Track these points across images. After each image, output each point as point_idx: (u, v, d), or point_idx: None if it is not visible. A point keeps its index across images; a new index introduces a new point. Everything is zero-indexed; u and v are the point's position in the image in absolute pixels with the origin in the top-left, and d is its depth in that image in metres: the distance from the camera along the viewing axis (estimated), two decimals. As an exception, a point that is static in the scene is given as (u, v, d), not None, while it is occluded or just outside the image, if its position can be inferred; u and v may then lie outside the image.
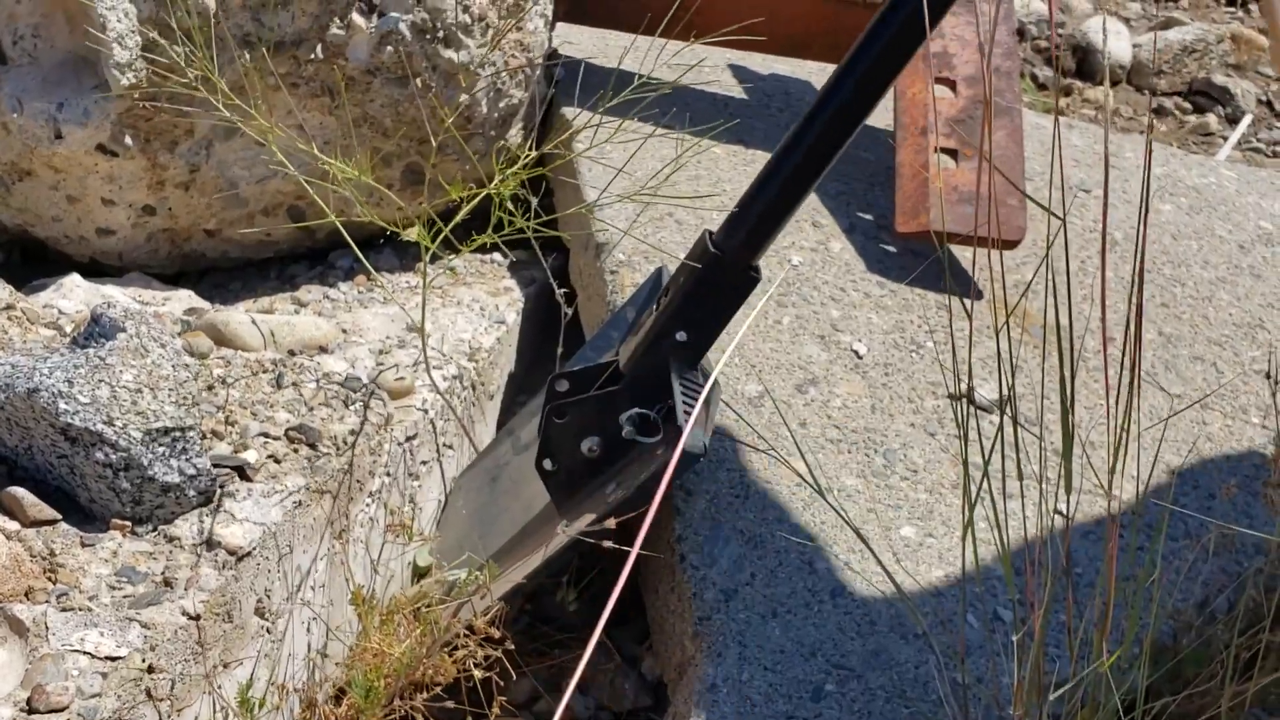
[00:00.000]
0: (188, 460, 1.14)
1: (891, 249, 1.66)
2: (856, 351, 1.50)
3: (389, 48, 1.50)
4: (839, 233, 1.67)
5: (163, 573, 1.09)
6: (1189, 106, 2.80)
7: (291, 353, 1.41)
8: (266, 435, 1.25)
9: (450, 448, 1.48)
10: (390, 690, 1.19)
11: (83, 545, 1.11)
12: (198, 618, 1.06)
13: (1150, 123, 1.55)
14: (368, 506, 1.32)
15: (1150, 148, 0.89)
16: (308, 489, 1.21)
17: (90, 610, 1.04)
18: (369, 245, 1.65)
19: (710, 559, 1.25)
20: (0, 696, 0.97)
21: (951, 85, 1.78)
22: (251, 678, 1.13)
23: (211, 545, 1.12)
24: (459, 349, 1.52)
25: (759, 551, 1.26)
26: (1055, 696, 1.06)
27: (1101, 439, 1.41)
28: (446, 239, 1.41)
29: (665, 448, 1.20)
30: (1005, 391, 1.01)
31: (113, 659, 1.01)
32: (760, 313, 1.50)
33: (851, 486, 1.33)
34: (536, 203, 1.40)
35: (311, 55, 1.48)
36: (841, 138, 1.17)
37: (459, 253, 1.48)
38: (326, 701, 1.23)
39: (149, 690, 1.01)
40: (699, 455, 1.18)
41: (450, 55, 1.54)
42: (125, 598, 1.06)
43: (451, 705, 1.21)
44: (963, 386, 1.10)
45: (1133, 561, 1.22)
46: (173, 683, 1.04)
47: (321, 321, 1.48)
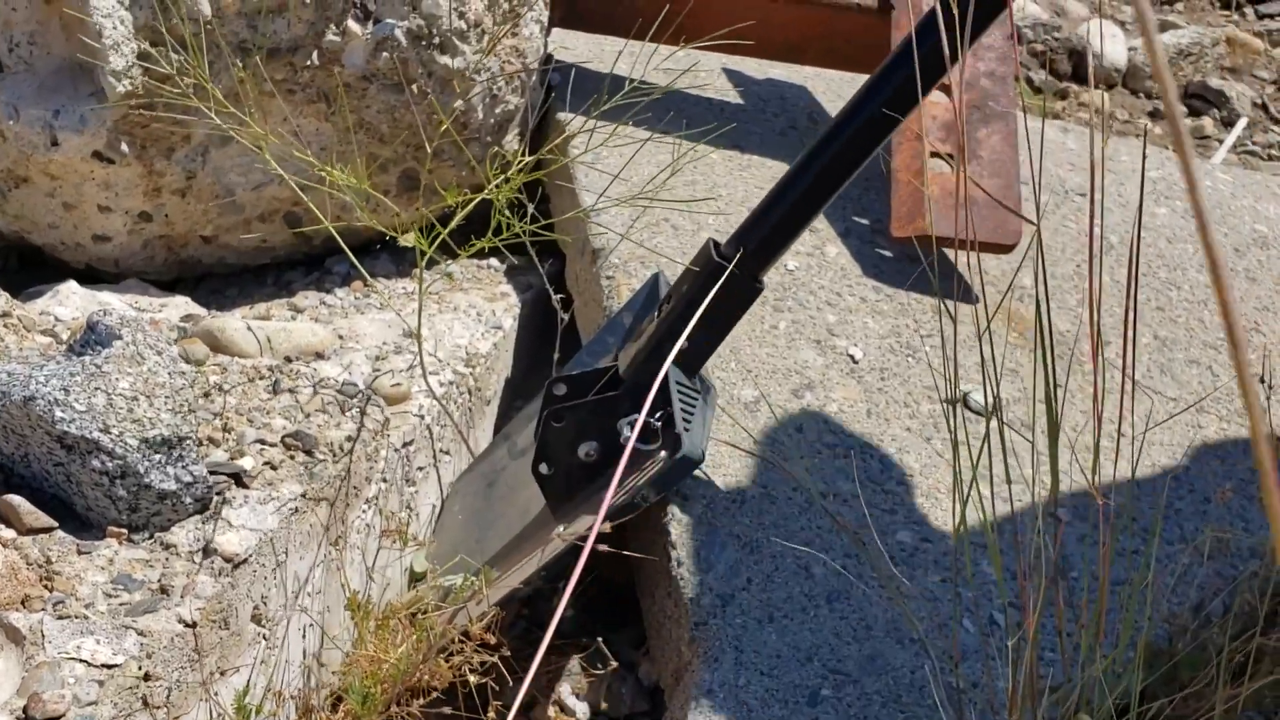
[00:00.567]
0: (184, 468, 1.14)
1: (887, 253, 1.66)
2: (852, 356, 1.50)
3: (385, 54, 1.50)
4: (835, 237, 1.67)
5: (159, 580, 1.09)
6: (1184, 109, 2.80)
7: (288, 359, 1.42)
8: (263, 442, 1.25)
9: (447, 453, 1.49)
10: (387, 696, 1.19)
11: (79, 553, 1.11)
12: (194, 625, 1.06)
13: (1145, 128, 1.55)
14: (364, 513, 1.32)
15: (1144, 151, 0.90)
16: (304, 496, 1.21)
17: (87, 618, 1.04)
18: (366, 251, 1.65)
19: (706, 564, 1.25)
20: (-3, 704, 0.97)
21: (946, 90, 1.78)
22: (248, 684, 1.13)
23: (208, 552, 1.12)
24: (456, 354, 1.52)
25: (755, 556, 1.26)
26: (1050, 701, 1.06)
27: (1098, 443, 1.41)
28: (443, 244, 1.42)
29: (663, 455, 1.20)
30: (995, 396, 1.02)
31: (109, 667, 1.01)
32: (756, 318, 1.50)
33: (847, 491, 1.33)
34: (533, 208, 1.40)
35: (307, 62, 1.48)
36: (859, 159, 1.18)
37: (456, 258, 1.48)
38: (323, 707, 1.23)
39: (145, 698, 1.01)
40: (697, 462, 1.19)
41: (446, 61, 1.54)
42: (121, 605, 1.06)
43: (448, 711, 1.21)
44: (956, 391, 1.11)
45: (1128, 565, 1.22)
46: (169, 690, 1.04)
47: (318, 327, 1.48)
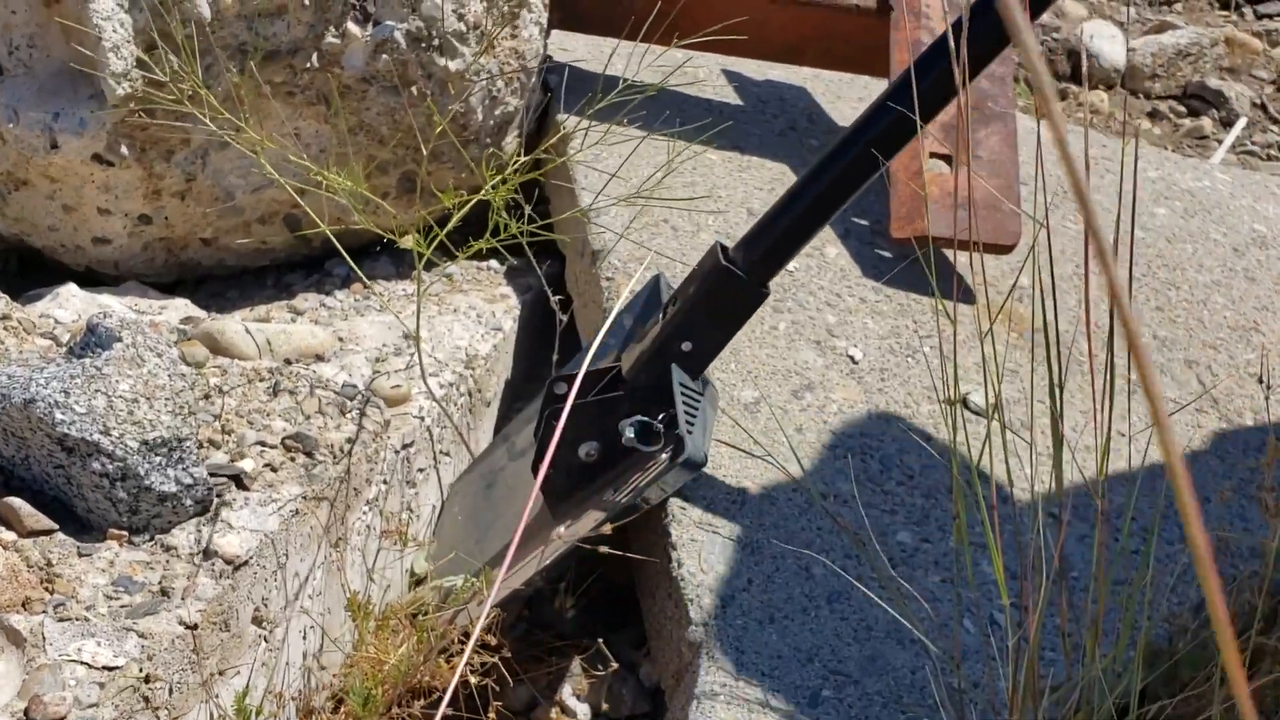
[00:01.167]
0: (184, 470, 1.14)
1: (887, 254, 1.66)
2: (852, 357, 1.50)
3: (384, 56, 1.50)
4: (834, 238, 1.67)
5: (160, 582, 1.09)
6: (1183, 110, 2.81)
7: (288, 361, 1.42)
8: (263, 444, 1.25)
9: (447, 455, 1.49)
10: (388, 697, 1.19)
11: (80, 555, 1.11)
12: (195, 627, 1.06)
13: (1136, 130, 1.55)
14: (365, 514, 1.32)
15: (1137, 151, 0.90)
16: (305, 497, 1.21)
17: (87, 620, 1.04)
18: (365, 252, 1.65)
19: (707, 565, 1.25)
20: (-3, 707, 0.98)
21: (946, 90, 1.78)
22: (248, 686, 1.13)
23: (209, 554, 1.12)
24: (455, 356, 1.52)
25: (756, 557, 1.26)
26: (1051, 700, 1.06)
27: (1097, 442, 1.41)
28: (444, 246, 1.42)
29: (665, 457, 1.20)
30: (995, 397, 1.02)
31: (110, 669, 1.01)
32: (756, 319, 1.50)
33: (847, 492, 1.33)
34: (531, 210, 1.40)
35: (307, 64, 1.48)
36: (871, 169, 1.18)
37: (455, 260, 1.48)
38: (324, 709, 1.23)
39: (146, 699, 1.02)
40: (700, 465, 1.19)
41: (445, 63, 1.54)
42: (122, 607, 1.06)
43: (449, 712, 1.21)
44: (956, 392, 1.11)
45: (1127, 565, 1.22)
46: (170, 692, 1.04)
47: (318, 330, 1.48)
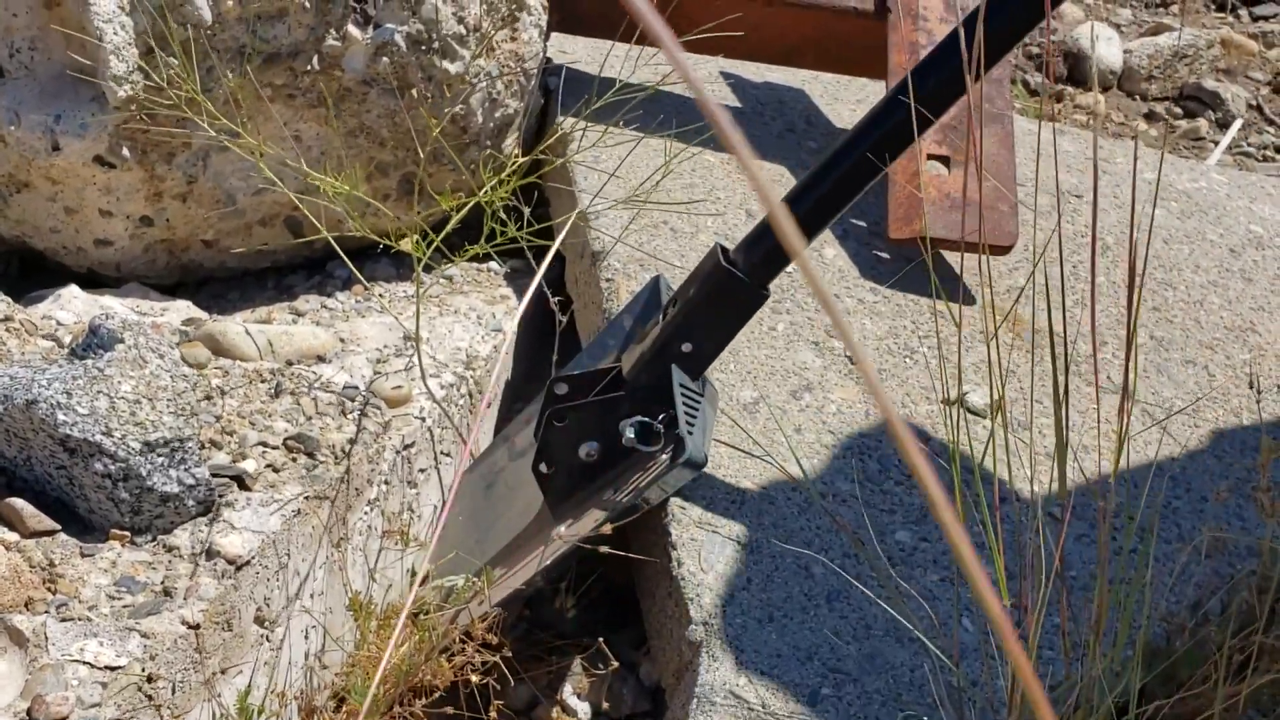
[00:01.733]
0: (186, 470, 1.15)
1: (885, 255, 1.67)
2: (850, 358, 1.50)
3: (385, 59, 1.51)
4: (833, 239, 1.68)
5: (162, 582, 1.10)
6: (1180, 111, 2.81)
7: (289, 362, 1.42)
8: (265, 444, 1.26)
9: (448, 455, 1.49)
10: (389, 696, 1.20)
11: (82, 555, 1.11)
12: (197, 627, 1.07)
13: (1136, 129, 1.56)
14: (366, 514, 1.33)
15: (1136, 152, 0.90)
16: (306, 498, 1.21)
17: (90, 620, 1.05)
18: (366, 254, 1.66)
19: (707, 564, 1.26)
20: (0, 707, 0.98)
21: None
22: (250, 685, 1.14)
23: (210, 554, 1.13)
24: (456, 357, 1.53)
25: (755, 557, 1.26)
26: (1050, 699, 1.07)
27: (1094, 442, 1.42)
28: (445, 247, 1.42)
29: (666, 456, 1.21)
30: (1000, 397, 1.02)
31: (112, 668, 1.01)
32: (755, 319, 1.51)
33: (846, 491, 1.34)
34: (530, 212, 1.41)
35: (308, 66, 1.48)
36: (875, 170, 1.19)
37: (454, 262, 1.49)
38: (325, 708, 1.23)
39: (149, 699, 1.02)
40: (700, 465, 1.19)
41: (445, 66, 1.55)
42: (125, 607, 1.07)
43: (450, 711, 1.22)
44: (954, 392, 1.11)
45: (1126, 564, 1.23)
46: (172, 691, 1.04)
47: (319, 331, 1.48)
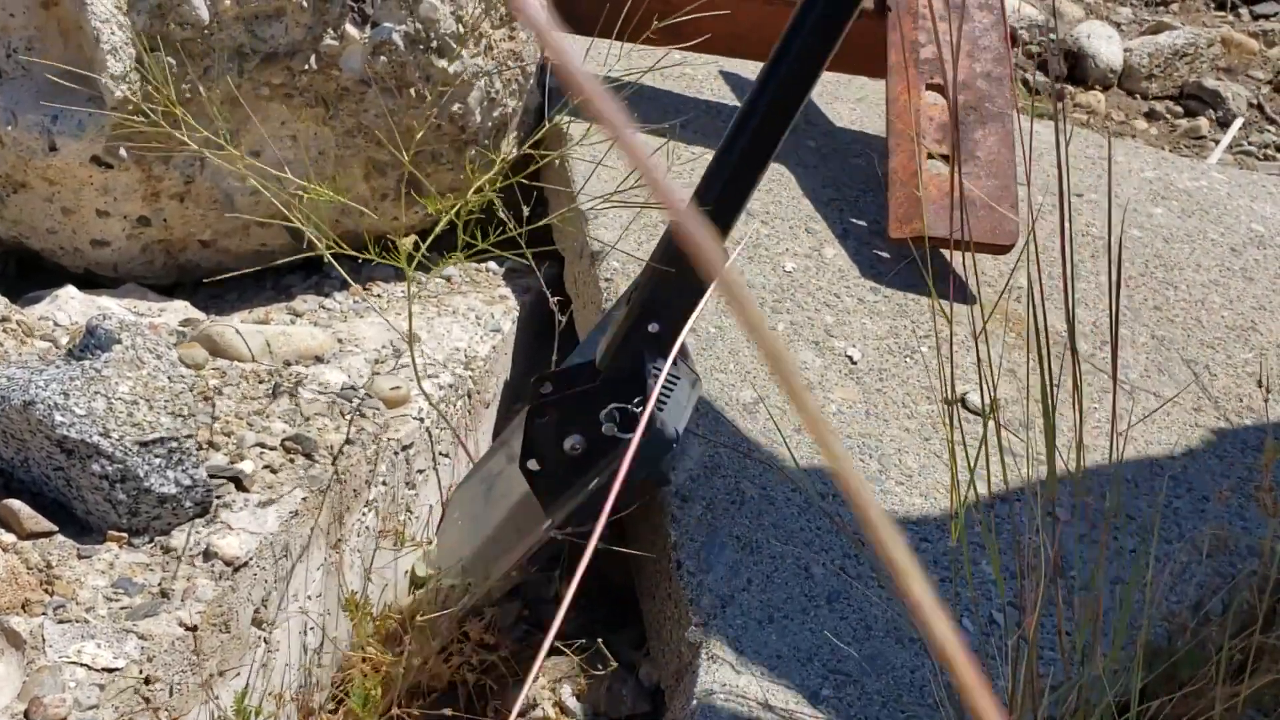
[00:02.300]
0: (184, 471, 1.15)
1: (885, 255, 1.67)
2: (851, 357, 1.50)
3: (382, 58, 1.50)
4: (832, 239, 1.67)
5: (159, 584, 1.09)
6: (1180, 110, 2.81)
7: (287, 363, 1.42)
8: (263, 445, 1.26)
9: (446, 456, 1.49)
10: (387, 697, 1.19)
11: (79, 557, 1.11)
12: (194, 628, 1.06)
13: (1130, 131, 1.55)
14: (364, 516, 1.32)
15: (1110, 149, 0.90)
16: (304, 499, 1.21)
17: (87, 622, 1.04)
18: (365, 254, 1.65)
19: (706, 565, 1.25)
20: (-2, 708, 0.98)
21: (943, 91, 1.79)
22: (248, 686, 1.13)
23: (208, 556, 1.13)
24: (455, 357, 1.52)
25: (755, 557, 1.26)
26: (1050, 699, 1.07)
27: (1093, 442, 1.41)
28: (440, 246, 1.42)
29: (637, 435, 1.20)
30: (993, 398, 1.02)
31: (110, 670, 1.01)
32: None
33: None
34: (528, 211, 1.40)
35: (305, 66, 1.48)
36: (799, 98, 1.15)
37: (452, 261, 1.48)
38: (323, 709, 1.23)
39: (146, 700, 1.02)
40: (672, 442, 1.18)
41: (443, 65, 1.54)
42: (122, 609, 1.06)
43: (449, 712, 1.22)
44: (954, 392, 1.11)
45: (1126, 564, 1.23)
46: (170, 693, 1.04)
47: (317, 331, 1.48)
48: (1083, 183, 1.92)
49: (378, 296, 1.59)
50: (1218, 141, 2.67)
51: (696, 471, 1.32)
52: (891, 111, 1.78)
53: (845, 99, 2.03)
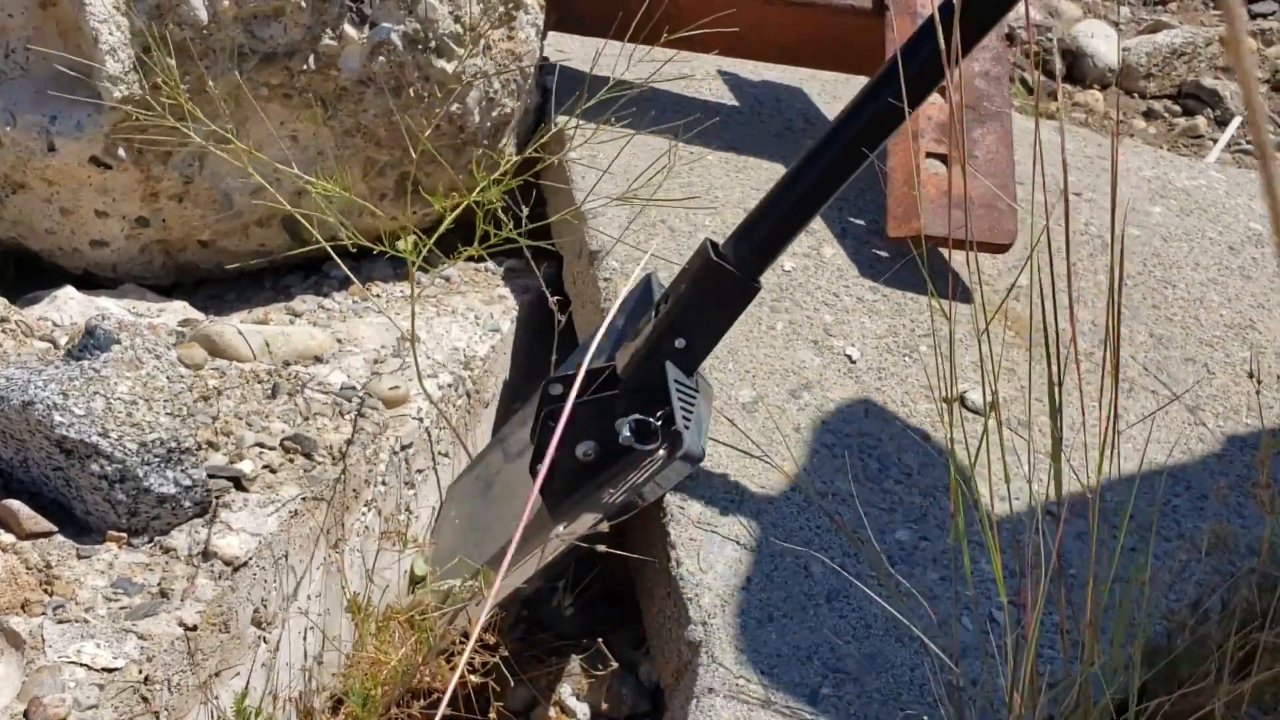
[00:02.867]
0: (183, 471, 1.15)
1: (884, 254, 1.67)
2: (850, 356, 1.50)
3: (381, 58, 1.50)
4: (831, 238, 1.68)
5: (159, 584, 1.09)
6: (1178, 109, 2.81)
7: (286, 363, 1.42)
8: (262, 445, 1.26)
9: (446, 456, 1.49)
10: (387, 698, 1.19)
11: (79, 557, 1.11)
12: (194, 628, 1.06)
13: (1126, 129, 1.56)
14: (364, 515, 1.32)
15: (1116, 149, 0.90)
16: (303, 499, 1.21)
17: (87, 622, 1.04)
18: (364, 254, 1.65)
19: (706, 564, 1.25)
20: (-3, 708, 0.98)
21: (941, 90, 1.79)
22: (247, 687, 1.13)
23: (208, 556, 1.13)
24: (454, 357, 1.53)
25: (754, 556, 1.26)
26: (1049, 697, 1.07)
27: (1092, 440, 1.41)
28: (440, 246, 1.42)
29: (662, 453, 1.20)
30: (994, 394, 1.02)
31: (109, 670, 1.01)
32: (754, 318, 1.51)
33: (846, 491, 1.34)
34: (527, 212, 1.40)
35: (304, 66, 1.48)
36: (858, 160, 1.18)
37: (452, 261, 1.49)
38: (323, 710, 1.23)
39: (145, 700, 1.02)
40: (697, 460, 1.19)
41: (442, 65, 1.54)
42: (122, 609, 1.06)
43: (449, 712, 1.22)
44: (953, 391, 1.11)
45: (1125, 562, 1.23)
46: (169, 693, 1.04)
47: (316, 331, 1.48)
48: (1081, 181, 1.92)
49: (377, 296, 1.59)
50: (1216, 140, 2.67)
51: (696, 471, 1.32)
52: (890, 111, 1.78)
53: (844, 98, 2.03)
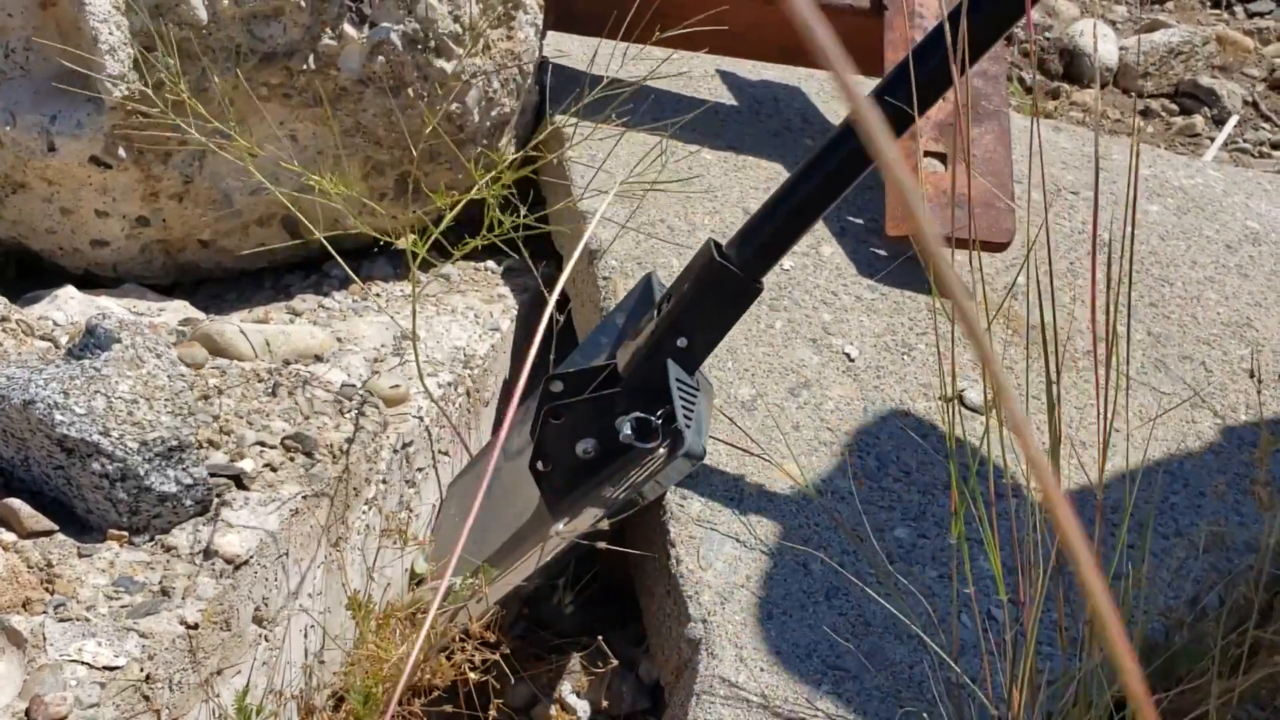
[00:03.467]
0: (184, 470, 1.15)
1: (882, 252, 1.67)
2: (848, 354, 1.51)
3: (381, 58, 1.51)
4: (830, 237, 1.68)
5: (160, 582, 1.10)
6: (1175, 108, 2.82)
7: (287, 362, 1.42)
8: (263, 444, 1.26)
9: (446, 454, 1.49)
10: (388, 695, 1.20)
11: (80, 556, 1.11)
12: (195, 627, 1.07)
13: (1136, 126, 1.56)
14: (364, 514, 1.33)
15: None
16: (304, 497, 1.21)
17: (88, 620, 1.05)
18: (363, 253, 1.66)
19: (705, 562, 1.26)
20: None
21: (940, 89, 1.79)
22: (249, 685, 1.14)
23: (209, 554, 1.13)
24: (454, 356, 1.53)
25: (754, 554, 1.27)
26: (1048, 694, 1.07)
27: (1091, 438, 1.42)
28: (439, 246, 1.42)
29: (663, 451, 1.21)
30: (994, 389, 1.02)
31: (111, 669, 1.01)
32: (752, 317, 1.51)
33: (845, 488, 1.34)
34: (527, 210, 1.41)
35: (304, 66, 1.48)
36: (863, 164, 1.19)
37: (451, 260, 1.49)
38: (324, 707, 1.23)
39: (147, 699, 1.02)
40: (698, 458, 1.20)
41: (441, 65, 1.54)
42: (123, 607, 1.06)
43: (449, 709, 1.22)
44: (952, 389, 1.11)
45: (1123, 559, 1.23)
46: (170, 691, 1.04)
47: (317, 330, 1.48)
48: (1079, 180, 1.92)
49: (377, 295, 1.60)
50: (1213, 139, 2.68)
51: (694, 469, 1.32)
52: (888, 110, 1.79)
53: (842, 99, 2.04)
